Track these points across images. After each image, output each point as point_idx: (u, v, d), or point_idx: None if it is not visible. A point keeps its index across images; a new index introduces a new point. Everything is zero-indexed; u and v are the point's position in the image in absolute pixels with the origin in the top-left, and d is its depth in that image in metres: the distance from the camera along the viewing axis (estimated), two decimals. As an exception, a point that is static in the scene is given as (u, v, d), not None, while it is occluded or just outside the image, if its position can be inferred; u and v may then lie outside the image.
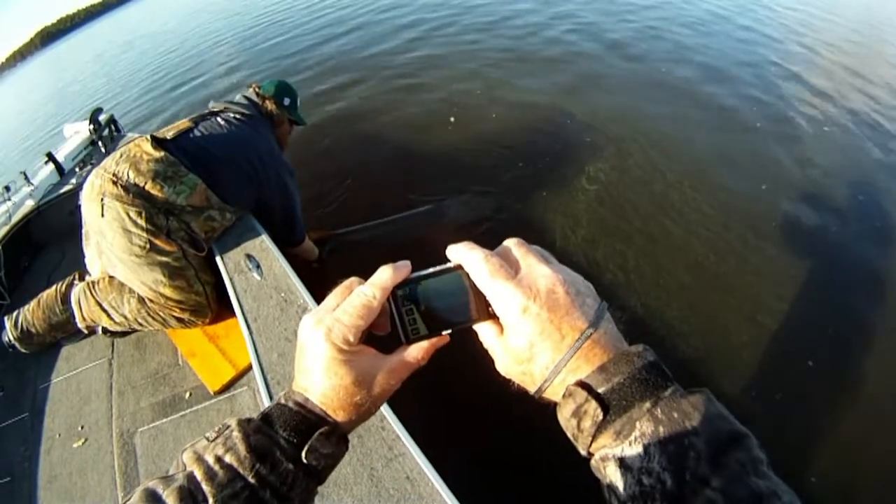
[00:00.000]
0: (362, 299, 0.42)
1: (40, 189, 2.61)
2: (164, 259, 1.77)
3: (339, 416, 0.43)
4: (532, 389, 0.41)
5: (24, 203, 2.56)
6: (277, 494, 0.39)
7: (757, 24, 5.52)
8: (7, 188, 2.56)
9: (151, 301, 1.83)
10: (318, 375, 0.42)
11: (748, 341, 2.16)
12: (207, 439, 0.41)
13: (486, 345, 0.44)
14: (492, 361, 0.44)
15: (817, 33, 5.32)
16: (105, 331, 1.97)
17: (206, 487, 0.37)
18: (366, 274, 0.46)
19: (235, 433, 0.40)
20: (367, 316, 0.42)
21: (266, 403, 1.33)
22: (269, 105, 2.18)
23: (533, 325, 0.38)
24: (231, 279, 1.73)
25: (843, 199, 2.90)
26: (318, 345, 0.42)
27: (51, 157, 2.70)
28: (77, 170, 2.74)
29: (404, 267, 0.44)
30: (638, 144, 3.35)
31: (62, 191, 2.60)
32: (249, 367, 1.74)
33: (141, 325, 1.90)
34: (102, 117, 2.92)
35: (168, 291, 1.80)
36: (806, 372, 2.04)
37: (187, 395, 1.74)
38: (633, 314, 2.27)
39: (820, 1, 6.33)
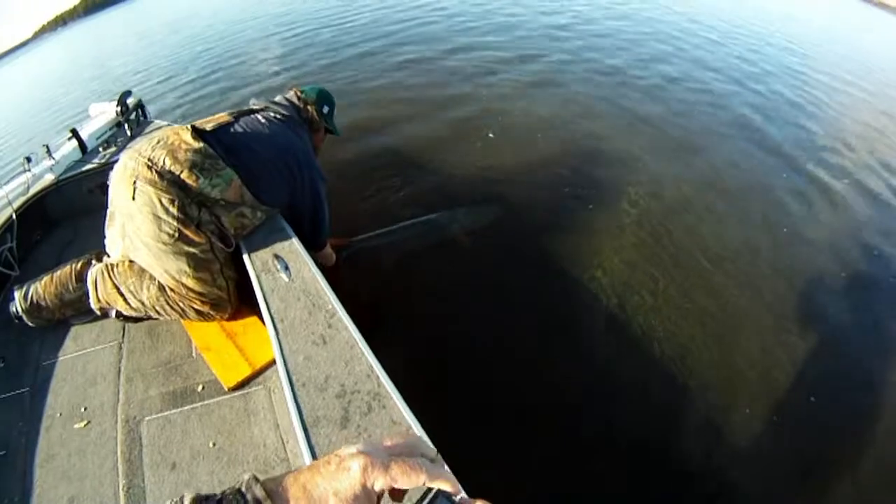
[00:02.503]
0: (415, 466, 0.42)
1: (61, 164, 2.59)
2: (191, 250, 1.77)
3: None
4: None
5: (43, 176, 2.54)
6: None
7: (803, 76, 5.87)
8: (28, 159, 2.53)
9: (172, 290, 1.83)
10: (326, 499, 0.40)
11: (756, 366, 2.36)
12: None
13: None
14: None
15: (861, 80, 5.67)
16: (119, 314, 1.96)
17: None
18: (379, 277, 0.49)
19: None
20: (410, 476, 0.41)
21: (290, 404, 1.34)
22: (310, 110, 2.22)
23: None
24: (258, 277, 1.74)
25: (860, 249, 3.14)
26: (350, 474, 0.40)
27: (75, 134, 2.69)
28: (100, 149, 2.73)
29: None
30: (672, 179, 3.61)
31: (83, 168, 2.59)
32: (266, 367, 1.75)
33: (158, 312, 1.89)
34: (130, 100, 2.92)
35: (191, 282, 1.80)
36: (807, 406, 2.22)
37: (199, 388, 1.74)
38: (656, 334, 2.46)
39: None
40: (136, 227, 1.77)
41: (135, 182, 1.74)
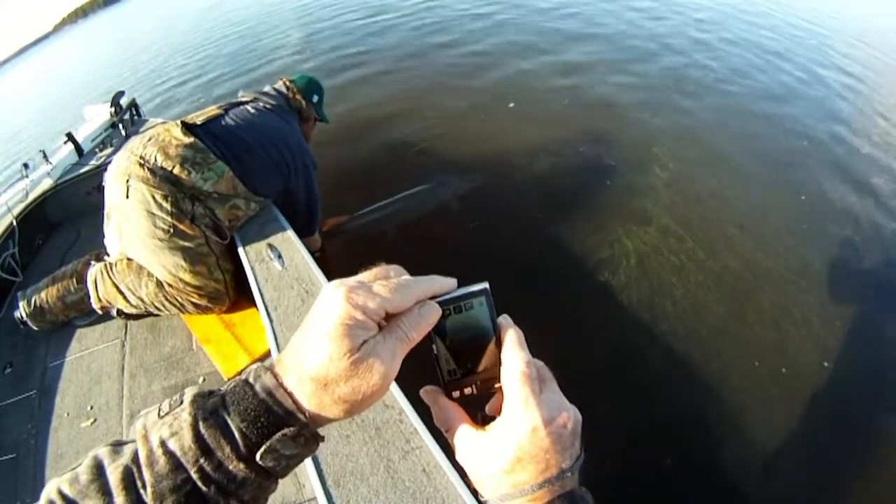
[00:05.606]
0: (401, 280, 0.40)
1: (58, 168, 2.62)
2: (187, 244, 1.78)
3: (312, 408, 0.36)
4: (490, 493, 0.41)
5: (41, 181, 2.56)
6: (224, 492, 0.35)
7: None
8: (26, 165, 2.56)
9: (170, 285, 1.84)
10: (315, 344, 0.36)
11: (769, 324, 2.33)
12: (160, 412, 0.37)
13: (460, 434, 0.43)
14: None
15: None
16: (120, 313, 1.97)
17: (146, 474, 0.34)
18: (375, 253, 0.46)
19: (185, 414, 0.36)
20: (400, 297, 0.38)
21: None
22: (299, 99, 2.21)
23: (530, 447, 0.38)
24: (252, 268, 1.74)
25: (881, 217, 3.00)
26: (333, 305, 0.36)
27: (70, 138, 2.71)
28: (96, 151, 2.75)
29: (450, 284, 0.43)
30: (696, 143, 3.56)
31: (80, 171, 2.61)
32: (264, 356, 1.75)
33: (158, 308, 1.90)
34: (124, 100, 2.93)
35: (187, 277, 1.80)
36: (818, 369, 2.15)
37: (200, 380, 1.75)
38: (675, 290, 2.46)
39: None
40: (131, 225, 1.77)
41: (128, 180, 1.74)
